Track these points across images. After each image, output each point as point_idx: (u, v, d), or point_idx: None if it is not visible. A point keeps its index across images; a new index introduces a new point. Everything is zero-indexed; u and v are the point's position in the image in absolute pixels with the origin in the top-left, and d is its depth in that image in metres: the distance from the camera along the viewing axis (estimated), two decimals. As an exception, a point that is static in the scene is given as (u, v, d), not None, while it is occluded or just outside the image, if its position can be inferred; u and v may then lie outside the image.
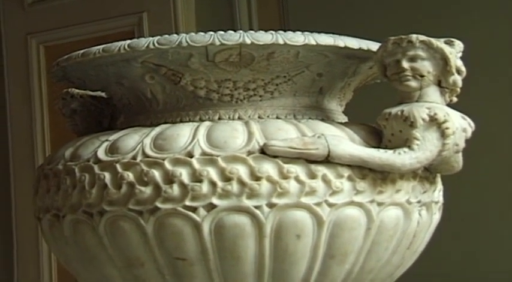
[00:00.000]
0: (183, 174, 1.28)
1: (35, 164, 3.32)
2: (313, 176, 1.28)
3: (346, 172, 1.30)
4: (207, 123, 1.37)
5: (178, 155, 1.30)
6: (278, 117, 1.40)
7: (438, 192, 1.45)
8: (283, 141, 1.29)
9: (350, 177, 1.30)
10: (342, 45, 1.36)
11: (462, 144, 1.35)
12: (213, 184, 1.27)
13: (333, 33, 1.38)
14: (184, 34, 1.35)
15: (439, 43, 1.34)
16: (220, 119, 1.39)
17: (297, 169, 1.28)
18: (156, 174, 1.30)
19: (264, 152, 1.29)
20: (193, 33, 1.35)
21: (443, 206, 1.49)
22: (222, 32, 1.34)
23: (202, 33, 1.34)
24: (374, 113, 1.37)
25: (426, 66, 1.34)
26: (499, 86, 2.78)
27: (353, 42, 1.38)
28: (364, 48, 1.39)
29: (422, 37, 1.34)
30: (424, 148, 1.30)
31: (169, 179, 1.29)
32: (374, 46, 1.40)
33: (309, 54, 1.37)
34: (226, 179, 1.27)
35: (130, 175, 1.31)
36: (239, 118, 1.39)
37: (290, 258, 1.30)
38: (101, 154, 1.36)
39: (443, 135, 1.30)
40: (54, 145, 3.34)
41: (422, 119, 1.30)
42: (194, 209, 1.28)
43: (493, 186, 2.77)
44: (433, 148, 1.31)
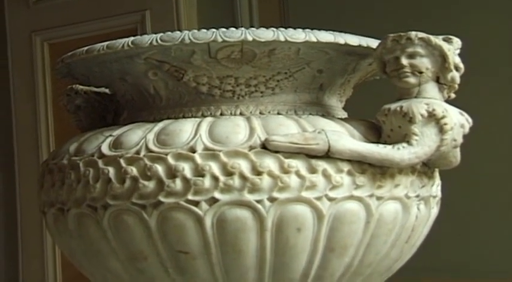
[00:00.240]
0: (186, 168, 1.29)
1: (39, 159, 3.32)
2: (313, 170, 1.29)
3: (346, 167, 1.30)
4: (209, 119, 1.37)
5: (181, 150, 1.30)
6: (279, 113, 1.41)
7: (436, 186, 1.45)
8: (284, 136, 1.30)
9: (350, 171, 1.30)
10: (342, 42, 1.37)
11: (460, 140, 1.35)
12: (215, 178, 1.28)
13: (333, 30, 1.38)
14: (186, 31, 1.35)
15: (438, 40, 1.34)
16: (222, 114, 1.39)
17: (297, 164, 1.29)
18: (159, 168, 1.30)
19: (265, 147, 1.29)
20: (196, 31, 1.35)
21: (441, 200, 1.49)
22: (224, 29, 1.34)
23: (204, 31, 1.34)
24: (373, 109, 1.37)
25: (425, 62, 1.34)
26: (497, 82, 2.78)
27: (353, 39, 1.38)
28: (364, 45, 1.39)
29: (421, 34, 1.34)
30: (423, 143, 1.31)
31: (172, 173, 1.29)
32: (373, 43, 1.40)
33: (309, 51, 1.37)
34: (228, 173, 1.28)
35: (133, 170, 1.31)
36: (241, 114, 1.39)
37: (291, 251, 1.31)
38: (105, 149, 1.36)
39: (442, 130, 1.31)
40: (58, 141, 3.34)
41: (421, 115, 1.30)
42: (196, 203, 1.28)
43: (491, 181, 2.77)
44: (432, 143, 1.31)
